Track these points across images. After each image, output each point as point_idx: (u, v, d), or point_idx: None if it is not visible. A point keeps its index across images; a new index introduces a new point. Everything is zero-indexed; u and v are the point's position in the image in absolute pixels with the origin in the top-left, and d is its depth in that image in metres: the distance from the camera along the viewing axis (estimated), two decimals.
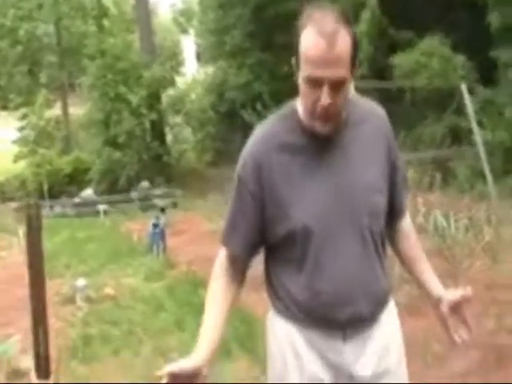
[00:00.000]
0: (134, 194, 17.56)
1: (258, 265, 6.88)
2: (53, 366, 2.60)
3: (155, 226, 9.53)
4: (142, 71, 20.65)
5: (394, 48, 15.86)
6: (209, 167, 23.22)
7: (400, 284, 5.12)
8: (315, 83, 1.93)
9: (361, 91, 12.21)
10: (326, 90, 1.92)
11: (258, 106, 20.90)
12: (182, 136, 23.32)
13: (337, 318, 2.05)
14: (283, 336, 2.12)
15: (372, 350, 2.11)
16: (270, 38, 23.45)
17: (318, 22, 1.90)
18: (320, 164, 2.05)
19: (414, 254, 2.29)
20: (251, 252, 2.16)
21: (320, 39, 1.88)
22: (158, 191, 17.56)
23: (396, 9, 15.53)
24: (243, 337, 5.39)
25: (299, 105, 2.09)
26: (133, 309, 6.59)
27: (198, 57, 37.47)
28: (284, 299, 2.12)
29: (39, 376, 2.47)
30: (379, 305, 2.14)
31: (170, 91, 22.58)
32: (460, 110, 13.93)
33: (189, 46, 41.77)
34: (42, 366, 2.43)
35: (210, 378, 4.58)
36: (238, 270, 2.17)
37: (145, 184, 17.97)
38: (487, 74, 14.76)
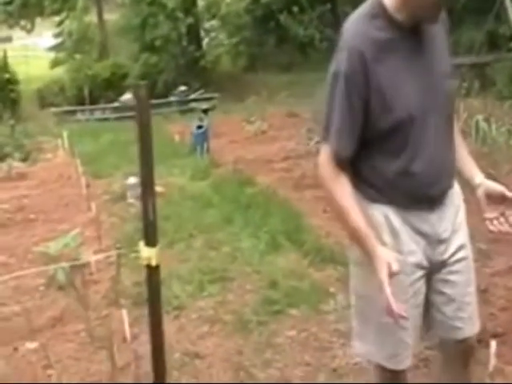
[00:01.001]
0: (172, 98, 17.61)
1: (295, 167, 7.01)
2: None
3: (199, 127, 9.63)
4: None
5: None
6: (244, 71, 23.08)
7: None
8: None
9: None
10: None
11: (295, 9, 20.69)
12: (217, 40, 23.08)
13: (428, 194, 2.28)
14: (381, 219, 2.27)
15: (449, 215, 2.36)
16: None
17: None
18: (414, 57, 2.21)
19: (457, 139, 2.44)
20: (356, 147, 2.24)
21: None
22: (195, 95, 17.58)
23: None
24: (291, 232, 5.56)
25: (388, 1, 2.17)
26: (182, 205, 6.76)
27: None
28: (380, 188, 2.27)
29: (147, 243, 2.63)
30: (453, 177, 2.39)
31: None
32: (499, 16, 13.59)
33: None
34: (150, 233, 2.58)
35: (263, 269, 4.80)
36: (346, 164, 2.24)
37: (182, 88, 17.98)
38: None
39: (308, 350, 3.72)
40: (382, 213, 2.27)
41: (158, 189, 7.15)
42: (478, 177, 2.41)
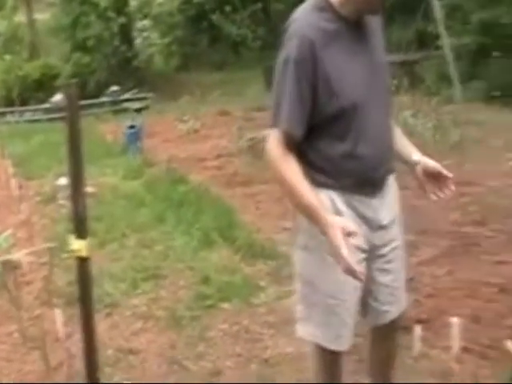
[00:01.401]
0: (104, 98, 17.49)
1: (227, 164, 7.09)
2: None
3: (131, 127, 9.62)
4: None
5: None
6: (177, 71, 23.08)
7: None
8: None
9: None
10: None
11: (227, 9, 20.79)
12: (150, 40, 22.99)
13: (372, 177, 2.43)
14: (326, 202, 2.38)
15: (387, 202, 2.52)
16: None
17: None
18: (357, 49, 2.36)
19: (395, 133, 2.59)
20: (305, 130, 2.35)
21: None
22: (128, 95, 17.50)
23: None
24: (223, 228, 5.65)
25: None
26: (114, 205, 6.77)
27: None
28: (326, 171, 2.39)
29: (77, 236, 2.67)
30: (392, 163, 2.55)
31: None
32: (427, 15, 13.98)
33: None
34: (80, 226, 2.63)
35: (195, 265, 4.88)
36: (295, 147, 2.35)
37: (115, 88, 17.87)
38: None
39: (239, 342, 3.83)
40: (328, 197, 2.39)
41: (90, 189, 7.12)
42: (416, 154, 2.56)
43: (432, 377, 3.32)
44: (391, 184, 2.55)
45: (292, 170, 2.31)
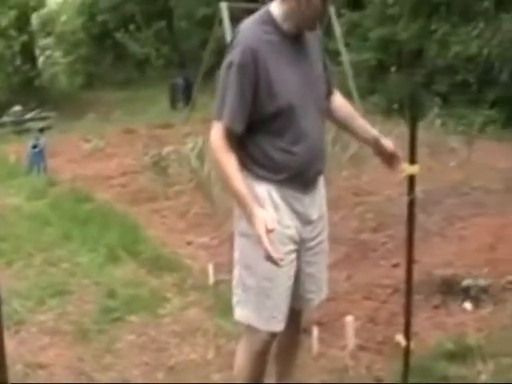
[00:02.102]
0: (6, 118, 17.13)
1: (132, 182, 7.16)
2: None
3: (34, 146, 9.52)
4: None
5: None
6: (81, 90, 22.88)
7: None
8: None
9: (232, 11, 12.35)
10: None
11: (131, 27, 20.82)
12: (53, 59, 22.72)
13: (307, 173, 2.70)
14: (264, 195, 2.64)
15: (317, 200, 2.80)
16: None
17: None
18: (294, 58, 2.65)
19: (349, 113, 2.96)
20: (245, 127, 2.60)
21: None
22: (31, 114, 17.20)
23: None
24: (129, 244, 5.72)
25: (276, 12, 2.61)
26: (19, 225, 6.69)
27: None
28: (265, 165, 2.65)
29: None
30: (324, 164, 2.83)
31: (41, 12, 21.78)
32: (327, 33, 14.42)
33: None
34: None
35: (101, 280, 4.93)
36: (234, 141, 2.60)
37: (17, 108, 17.53)
38: None
39: (146, 351, 3.93)
40: (266, 189, 2.65)
41: None
42: (374, 131, 2.90)
43: (329, 374, 3.52)
44: (320, 184, 2.84)
45: (229, 161, 2.56)
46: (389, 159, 2.88)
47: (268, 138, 2.63)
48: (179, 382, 3.56)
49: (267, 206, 2.61)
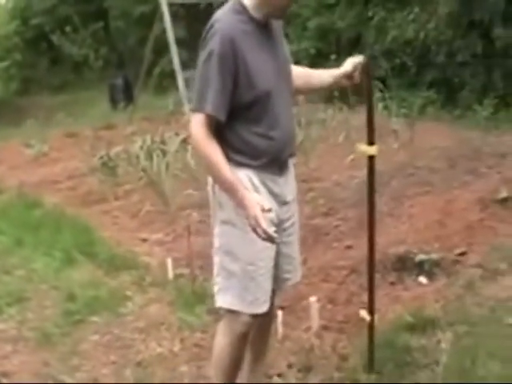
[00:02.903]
0: None
1: (81, 184, 7.10)
2: None
3: None
4: None
5: None
6: (17, 95, 22.47)
7: None
8: None
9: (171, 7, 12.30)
10: None
11: (67, 29, 20.51)
12: None
13: (281, 156, 2.81)
14: (245, 180, 2.71)
15: (290, 182, 2.92)
16: None
17: None
18: (268, 46, 2.76)
19: (306, 73, 3.12)
20: (227, 116, 2.66)
21: None
22: None
23: None
24: (84, 246, 5.69)
25: (247, 2, 2.69)
26: None
27: None
28: (243, 151, 2.71)
29: None
30: (295, 146, 2.95)
31: None
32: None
33: None
34: None
35: (59, 284, 4.90)
36: (216, 130, 2.65)
37: None
38: None
39: (112, 350, 3.94)
40: (246, 175, 2.72)
41: None
42: (330, 72, 3.11)
43: (294, 355, 3.60)
44: (291, 166, 2.94)
45: (213, 149, 2.62)
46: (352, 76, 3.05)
47: (245, 124, 2.70)
48: (148, 376, 3.59)
49: (250, 191, 2.68)
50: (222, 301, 2.83)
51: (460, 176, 6.78)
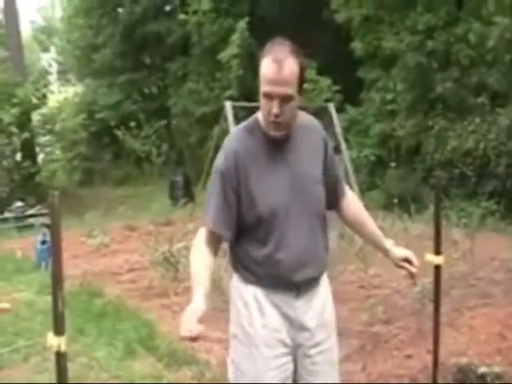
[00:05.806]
0: (8, 214, 17.31)
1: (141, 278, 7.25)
2: None
3: (43, 242, 9.61)
4: (14, 89, 20.27)
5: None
6: (80, 186, 23.16)
7: None
8: (269, 97, 2.57)
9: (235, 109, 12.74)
10: (276, 103, 2.56)
11: (131, 124, 21.28)
12: (53, 155, 23.00)
13: (292, 280, 2.68)
14: (250, 298, 2.69)
15: (315, 306, 2.77)
16: (139, 58, 23.85)
17: (272, 52, 2.55)
18: (278, 161, 2.70)
19: (361, 218, 2.98)
20: (232, 232, 2.68)
21: (273, 64, 2.53)
22: (32, 210, 17.38)
23: (264, 32, 16.27)
24: (144, 339, 5.80)
25: (260, 116, 2.70)
26: (32, 320, 6.76)
27: (58, 75, 36.84)
28: (250, 269, 2.69)
29: (56, 333, 2.79)
30: (321, 269, 2.81)
31: (42, 110, 22.24)
32: (327, 129, 14.81)
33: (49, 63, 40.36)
34: (59, 323, 2.75)
35: (121, 374, 4.99)
36: (217, 245, 2.70)
37: (19, 204, 17.74)
38: (353, 96, 15.75)
39: None
40: (252, 293, 2.70)
41: (5, 305, 7.15)
42: (388, 242, 2.96)
43: None
44: (320, 287, 2.81)
45: (197, 255, 2.64)
46: (403, 264, 2.95)
47: (253, 244, 2.68)
48: None
49: (253, 310, 2.68)
50: None
51: None
